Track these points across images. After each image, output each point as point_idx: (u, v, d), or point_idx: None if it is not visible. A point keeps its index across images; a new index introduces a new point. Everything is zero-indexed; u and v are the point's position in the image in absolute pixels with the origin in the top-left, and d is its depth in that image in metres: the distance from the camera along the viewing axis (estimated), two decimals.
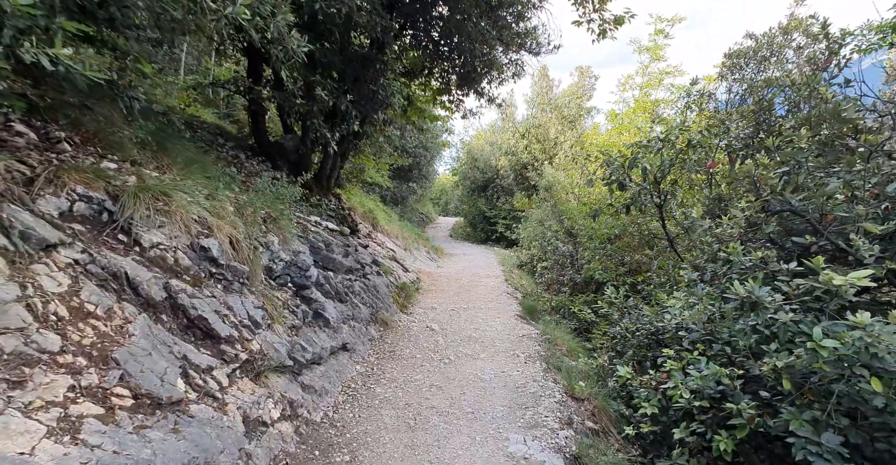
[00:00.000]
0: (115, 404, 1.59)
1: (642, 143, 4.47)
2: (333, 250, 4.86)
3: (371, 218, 10.04)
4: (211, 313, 2.58)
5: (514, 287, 8.47)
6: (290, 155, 5.81)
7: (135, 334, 2.01)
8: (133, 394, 1.70)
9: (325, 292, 4.34)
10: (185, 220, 2.79)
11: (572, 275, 7.56)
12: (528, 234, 10.64)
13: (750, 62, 4.68)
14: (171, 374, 1.99)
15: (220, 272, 2.95)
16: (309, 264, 3.91)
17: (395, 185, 14.72)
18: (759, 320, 1.98)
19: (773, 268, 2.17)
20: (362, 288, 5.39)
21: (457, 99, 7.34)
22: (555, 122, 15.73)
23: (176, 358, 2.16)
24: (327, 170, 6.09)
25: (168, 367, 2.02)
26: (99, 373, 1.64)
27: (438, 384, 3.72)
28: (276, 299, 3.40)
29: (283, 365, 2.99)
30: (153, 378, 1.84)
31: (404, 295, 6.86)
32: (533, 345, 4.91)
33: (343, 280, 4.97)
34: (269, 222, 3.68)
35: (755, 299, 1.96)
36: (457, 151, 24.88)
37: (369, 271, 5.97)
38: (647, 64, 10.43)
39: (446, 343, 4.93)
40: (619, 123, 10.17)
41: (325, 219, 5.83)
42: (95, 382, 1.59)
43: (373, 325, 5.17)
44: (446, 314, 6.35)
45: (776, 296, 1.94)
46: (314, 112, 4.57)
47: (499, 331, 5.49)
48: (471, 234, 20.96)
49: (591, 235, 7.56)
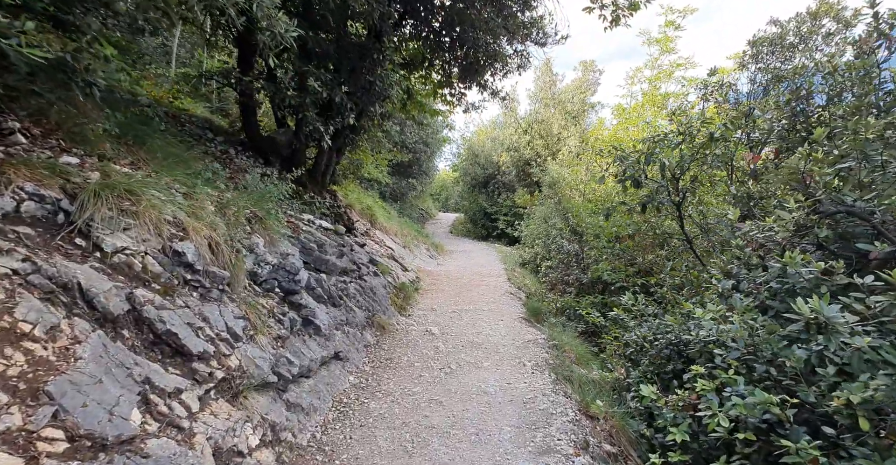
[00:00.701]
0: (40, 451, 1.29)
1: (660, 136, 4.14)
2: (327, 250, 4.56)
3: (369, 215, 9.73)
4: (182, 327, 2.28)
5: (517, 287, 8.17)
6: (283, 150, 5.50)
7: (83, 357, 1.71)
8: (69, 436, 1.41)
9: (316, 296, 4.04)
10: (156, 221, 2.49)
11: (578, 275, 7.26)
12: (531, 232, 10.33)
13: (775, 50, 4.34)
14: (125, 404, 1.69)
15: (196, 279, 2.65)
16: (298, 268, 3.61)
17: (395, 181, 14.39)
18: (829, 346, 1.68)
19: (840, 281, 1.86)
20: (358, 290, 5.09)
21: (458, 92, 7.01)
22: (558, 117, 15.33)
23: (135, 382, 1.86)
24: (322, 166, 5.77)
25: (122, 395, 1.72)
26: (24, 412, 1.34)
27: (438, 399, 3.43)
28: (261, 307, 3.11)
29: (266, 382, 2.70)
30: (98, 413, 1.54)
31: (403, 296, 6.58)
32: (540, 352, 4.62)
33: (337, 283, 4.68)
34: (255, 223, 3.38)
35: (824, 320, 1.66)
36: (457, 147, 24.53)
37: (366, 271, 5.68)
38: (657, 56, 10.05)
39: (447, 350, 4.65)
40: (627, 117, 9.81)
41: (320, 217, 5.52)
42: (17, 424, 1.29)
43: (369, 329, 4.89)
44: (447, 316, 6.07)
45: (848, 316, 1.64)
46: (306, 104, 4.26)
47: (503, 335, 5.20)
48: (471, 230, 20.66)
49: (597, 233, 7.25)
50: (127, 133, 3.27)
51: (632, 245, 6.54)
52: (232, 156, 5.17)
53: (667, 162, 4.10)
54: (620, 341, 4.68)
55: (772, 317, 2.61)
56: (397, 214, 13.48)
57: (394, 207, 13.85)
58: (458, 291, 7.61)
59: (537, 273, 9.41)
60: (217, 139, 5.24)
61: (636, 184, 4.26)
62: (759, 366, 2.19)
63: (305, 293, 3.84)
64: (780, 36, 4.37)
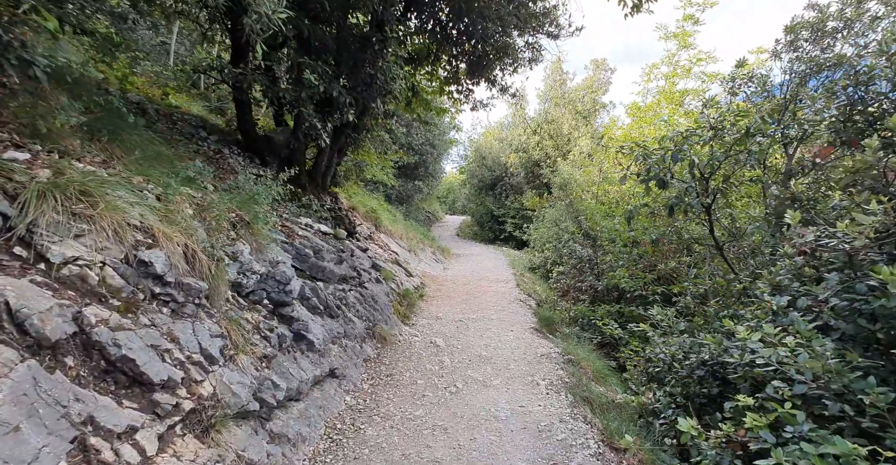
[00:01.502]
0: None
1: (688, 131, 3.75)
2: (324, 256, 4.23)
3: (373, 218, 9.42)
4: (143, 351, 1.95)
5: (527, 293, 7.77)
6: (281, 150, 5.20)
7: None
8: None
9: (311, 307, 3.71)
10: (117, 226, 2.17)
11: (592, 281, 6.84)
12: (541, 235, 9.92)
13: (815, 36, 3.94)
14: (47, 458, 1.36)
15: (166, 293, 2.33)
16: (290, 277, 3.28)
17: (401, 183, 14.09)
18: None
19: None
20: (358, 299, 4.76)
21: (466, 89, 6.67)
22: (568, 117, 14.89)
23: (71, 425, 1.53)
24: (322, 166, 5.47)
25: (48, 445, 1.39)
26: None
27: (443, 425, 3.07)
28: (245, 322, 2.78)
29: (246, 411, 2.36)
30: None
31: (406, 303, 6.23)
32: (554, 368, 4.23)
33: (335, 291, 4.35)
34: (241, 227, 3.06)
35: None
36: (464, 149, 24.17)
37: (367, 278, 5.34)
38: (675, 52, 9.58)
39: (452, 365, 4.28)
40: (642, 116, 9.37)
41: (318, 221, 5.21)
42: None
43: (369, 341, 4.54)
44: (453, 326, 5.70)
45: None
46: (303, 99, 3.94)
47: (513, 349, 4.81)
48: (478, 233, 20.27)
49: (612, 237, 6.84)
50: (101, 129, 2.98)
51: (651, 251, 6.12)
52: (226, 156, 4.88)
53: (696, 160, 3.71)
54: (641, 356, 4.28)
55: (836, 341, 2.21)
56: (403, 217, 13.17)
57: (399, 210, 13.54)
58: (465, 297, 7.24)
59: (548, 279, 9.00)
60: (211, 138, 4.96)
61: (661, 184, 3.87)
62: (830, 403, 1.79)
63: (298, 304, 3.52)
64: (821, 20, 3.97)
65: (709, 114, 3.68)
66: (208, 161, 4.53)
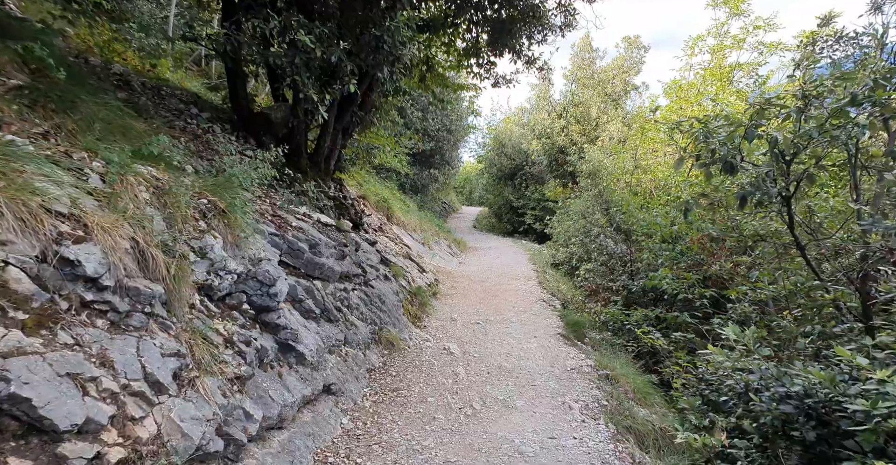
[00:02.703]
0: None
1: (769, 100, 2.98)
2: (322, 251, 3.68)
3: (385, 208, 8.87)
4: (47, 385, 1.43)
5: (551, 293, 7.11)
6: (279, 129, 4.65)
7: None
8: None
9: (305, 310, 3.18)
10: (28, 213, 1.63)
11: (625, 281, 6.12)
12: (566, 228, 9.17)
13: None
14: None
15: (102, 300, 1.80)
16: (276, 276, 2.74)
17: (415, 171, 13.46)
18: None
19: None
20: (362, 299, 4.22)
21: (487, 62, 5.95)
22: (597, 100, 13.82)
23: None
24: (325, 149, 4.89)
25: None
26: None
27: (456, 461, 2.50)
28: (215, 334, 2.24)
29: (205, 453, 1.83)
30: None
31: (418, 303, 5.68)
32: (587, 386, 3.60)
33: (335, 291, 3.81)
34: (214, 217, 2.51)
35: None
36: (482, 137, 23.25)
37: (374, 275, 4.79)
38: (724, 20, 8.42)
39: (468, 378, 3.71)
40: (684, 95, 8.36)
41: (319, 210, 4.66)
42: None
43: (374, 348, 4.01)
44: (469, 330, 5.13)
45: None
46: (296, 65, 3.35)
47: (538, 359, 4.20)
48: (495, 225, 19.54)
49: (649, 232, 6.07)
50: (48, 94, 2.46)
51: (696, 248, 5.35)
52: (217, 134, 4.35)
53: (780, 137, 2.94)
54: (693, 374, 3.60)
55: None
56: (417, 208, 12.59)
57: (413, 200, 12.96)
58: (483, 296, 6.64)
59: (572, 276, 8.29)
60: (202, 115, 4.44)
61: (729, 169, 3.12)
62: None
63: (288, 309, 2.98)
64: None
65: (801, 76, 2.90)
66: (195, 140, 4.02)
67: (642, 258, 5.90)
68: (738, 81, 8.03)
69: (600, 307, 6.03)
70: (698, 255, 5.40)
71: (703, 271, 5.38)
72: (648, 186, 7.88)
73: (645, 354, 5.28)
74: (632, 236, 6.30)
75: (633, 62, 14.17)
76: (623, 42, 14.07)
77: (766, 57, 7.91)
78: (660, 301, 6.14)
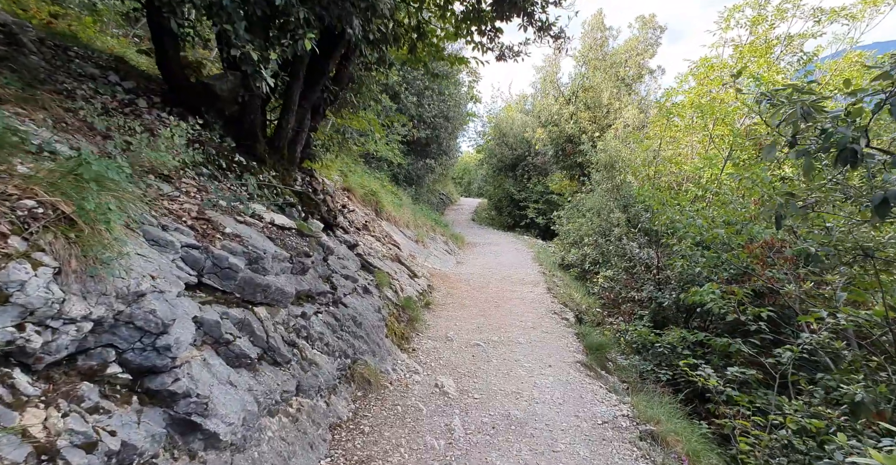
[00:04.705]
0: None
1: None
2: (268, 266, 2.71)
3: (374, 202, 7.87)
4: None
5: (562, 302, 6.18)
6: (226, 105, 3.63)
7: None
8: None
9: (233, 355, 2.23)
10: None
11: (653, 292, 5.18)
12: (577, 227, 8.19)
13: None
14: None
15: None
16: (168, 318, 1.77)
17: (410, 162, 12.41)
18: None
19: None
20: (330, 325, 3.26)
21: (491, 29, 4.90)
22: (609, 84, 12.65)
23: None
24: (288, 131, 3.88)
25: None
26: None
27: None
28: (17, 443, 1.27)
29: None
30: None
31: (407, 318, 4.74)
32: (629, 452, 2.68)
33: (289, 319, 2.85)
34: (49, 228, 1.52)
35: None
36: (482, 126, 22.05)
37: (348, 289, 3.84)
38: None
39: (467, 438, 2.78)
40: (717, 75, 7.24)
41: (280, 208, 3.67)
42: None
43: (344, 389, 3.09)
44: (467, 354, 4.21)
45: None
46: (224, 7, 2.33)
47: (557, 403, 3.28)
48: (495, 218, 18.53)
49: (682, 235, 5.11)
50: None
51: (743, 255, 4.40)
52: (141, 109, 3.34)
53: None
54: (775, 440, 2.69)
55: None
56: (411, 201, 11.57)
57: (407, 193, 11.93)
58: (483, 307, 5.71)
59: (584, 280, 7.35)
60: (123, 85, 3.42)
61: (849, 159, 2.13)
62: None
63: (202, 359, 2.03)
64: None
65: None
66: (107, 115, 3.00)
67: (674, 265, 4.96)
68: (779, 59, 6.96)
69: (624, 324, 5.10)
70: (745, 263, 4.45)
71: (751, 283, 4.44)
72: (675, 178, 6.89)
73: (680, 381, 4.37)
74: (659, 238, 5.35)
75: (647, 44, 12.97)
76: (637, 22, 12.84)
77: (823, 26, 6.80)
78: (691, 317, 5.21)
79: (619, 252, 5.82)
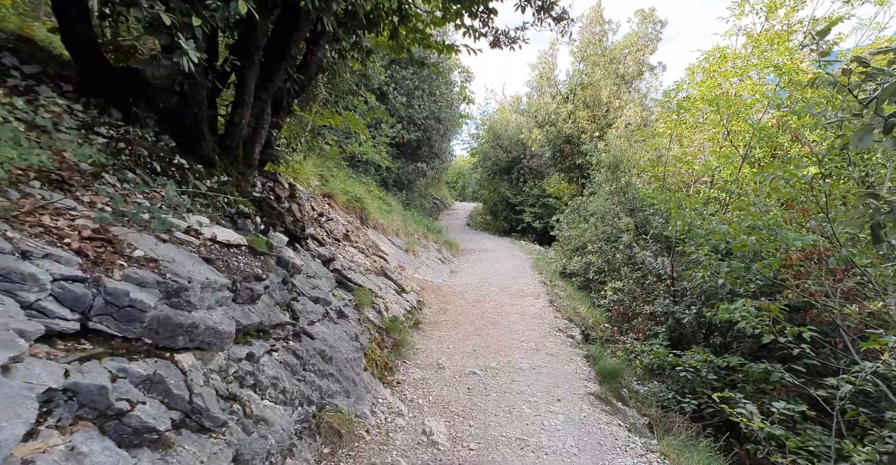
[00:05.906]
0: None
1: None
2: (194, 300, 2.07)
3: (358, 209, 7.24)
4: None
5: (567, 317, 5.57)
6: (162, 96, 3.00)
7: None
8: None
9: (131, 430, 1.60)
10: None
11: (668, 307, 4.59)
12: (580, 233, 7.61)
13: None
14: None
15: None
16: None
17: (400, 165, 11.80)
18: None
19: None
20: (288, 365, 2.62)
21: (484, 10, 4.33)
22: (608, 81, 12.13)
23: None
24: (243, 128, 3.26)
25: None
26: None
27: None
28: None
29: None
30: None
31: (391, 343, 4.11)
32: None
33: (229, 364, 2.22)
34: None
35: None
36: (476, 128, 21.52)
37: (316, 315, 3.20)
38: None
39: None
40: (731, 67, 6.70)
41: (231, 220, 3.04)
42: None
43: (306, 445, 2.46)
44: (462, 386, 3.59)
45: None
46: None
47: (571, 453, 2.66)
48: (491, 223, 17.95)
49: (700, 242, 4.53)
50: None
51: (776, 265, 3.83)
52: (42, 100, 2.70)
53: None
54: None
55: None
56: (402, 207, 10.94)
57: (397, 198, 11.30)
58: (480, 325, 5.09)
59: (588, 290, 6.76)
60: (23, 69, 2.78)
61: None
62: None
63: (81, 443, 1.38)
64: None
65: None
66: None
67: (692, 276, 4.40)
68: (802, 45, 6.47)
69: (638, 343, 4.50)
70: (776, 274, 3.89)
71: (784, 297, 3.88)
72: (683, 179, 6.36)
73: (706, 410, 3.77)
74: (674, 246, 4.78)
75: (647, 39, 12.50)
76: (636, 16, 12.38)
77: (853, 7, 6.30)
78: (711, 334, 4.62)
79: (627, 261, 5.26)
